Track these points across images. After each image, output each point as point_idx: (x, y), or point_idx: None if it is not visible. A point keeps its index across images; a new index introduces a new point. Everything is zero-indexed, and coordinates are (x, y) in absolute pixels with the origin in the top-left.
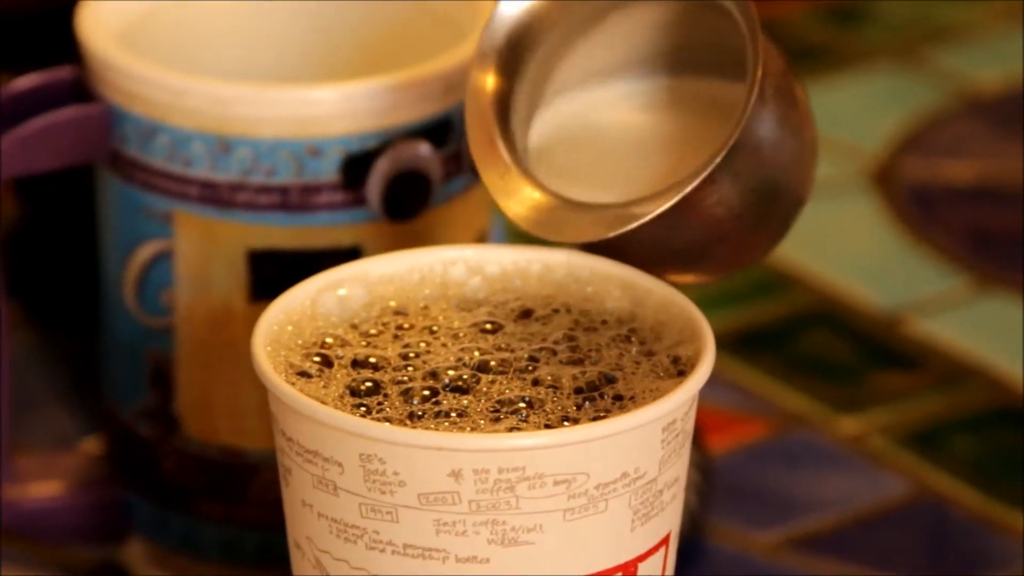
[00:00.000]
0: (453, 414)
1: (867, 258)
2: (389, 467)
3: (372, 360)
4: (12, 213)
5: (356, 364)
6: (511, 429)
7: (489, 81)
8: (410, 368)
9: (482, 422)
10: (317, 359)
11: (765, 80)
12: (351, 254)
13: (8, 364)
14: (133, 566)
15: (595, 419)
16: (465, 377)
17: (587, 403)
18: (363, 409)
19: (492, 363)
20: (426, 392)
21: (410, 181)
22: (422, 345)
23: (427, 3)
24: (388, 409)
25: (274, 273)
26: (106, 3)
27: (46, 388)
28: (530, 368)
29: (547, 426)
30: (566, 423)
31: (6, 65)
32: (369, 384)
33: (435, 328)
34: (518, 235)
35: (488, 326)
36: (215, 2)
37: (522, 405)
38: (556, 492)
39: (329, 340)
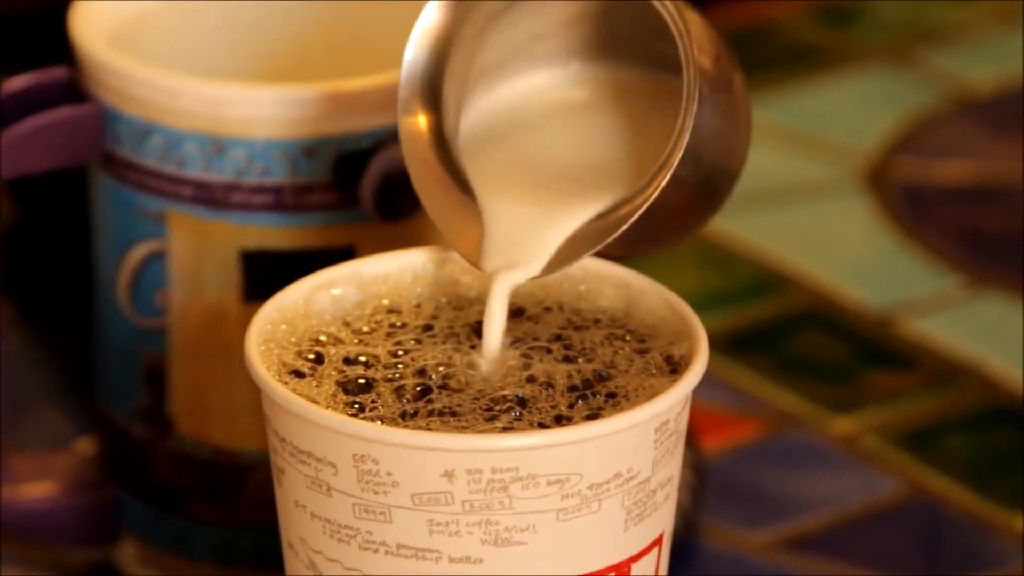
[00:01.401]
0: (446, 413)
1: (860, 258)
2: (382, 467)
3: (363, 358)
4: (5, 213)
5: (348, 361)
6: (505, 428)
7: (421, 122)
8: (402, 366)
9: (475, 421)
10: (310, 356)
11: (701, 82)
12: (345, 254)
13: (1, 365)
14: (126, 567)
15: (589, 417)
16: (459, 375)
17: (580, 401)
18: (356, 407)
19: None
20: (419, 390)
21: (403, 181)
22: (415, 343)
23: (423, 3)
24: (381, 408)
25: (267, 273)
26: (99, 3)
27: (39, 389)
28: (523, 366)
29: (541, 425)
30: (560, 422)
31: None
32: (362, 382)
33: (428, 326)
34: None
35: (481, 325)
36: (208, 2)
37: (515, 403)
38: (549, 492)
39: (322, 338)
